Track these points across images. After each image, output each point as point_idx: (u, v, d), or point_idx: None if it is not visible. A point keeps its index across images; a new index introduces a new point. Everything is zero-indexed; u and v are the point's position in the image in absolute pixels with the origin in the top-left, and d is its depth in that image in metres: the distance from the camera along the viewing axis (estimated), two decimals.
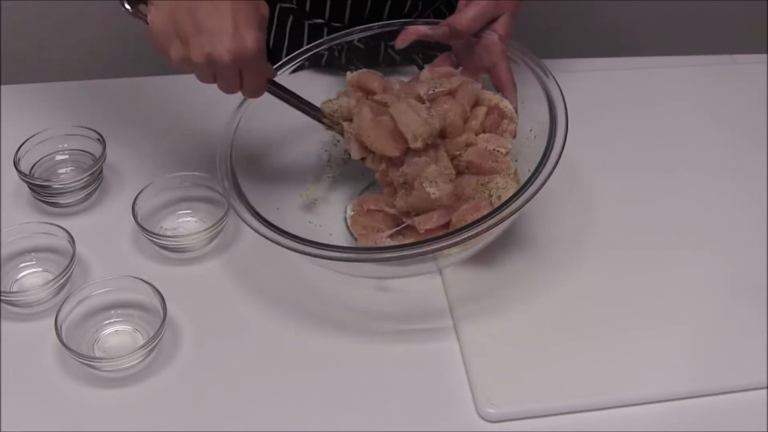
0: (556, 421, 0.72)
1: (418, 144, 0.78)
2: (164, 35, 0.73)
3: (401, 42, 0.89)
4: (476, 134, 0.82)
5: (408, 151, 0.80)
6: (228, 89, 0.77)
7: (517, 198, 0.72)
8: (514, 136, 0.83)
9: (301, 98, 0.84)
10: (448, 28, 0.85)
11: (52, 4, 1.59)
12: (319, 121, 0.85)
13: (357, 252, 0.78)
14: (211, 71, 0.74)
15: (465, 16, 0.85)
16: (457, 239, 0.71)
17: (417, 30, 0.89)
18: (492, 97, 0.84)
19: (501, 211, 0.72)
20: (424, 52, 0.94)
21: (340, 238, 0.85)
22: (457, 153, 0.81)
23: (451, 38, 0.87)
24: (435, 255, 0.76)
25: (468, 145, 0.81)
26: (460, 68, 0.89)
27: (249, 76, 0.76)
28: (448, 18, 0.86)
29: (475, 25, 0.85)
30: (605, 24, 1.78)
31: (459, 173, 0.81)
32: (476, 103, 0.84)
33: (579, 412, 0.73)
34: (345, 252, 0.74)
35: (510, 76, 0.85)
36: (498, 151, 0.80)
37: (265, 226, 0.75)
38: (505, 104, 0.83)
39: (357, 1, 1.03)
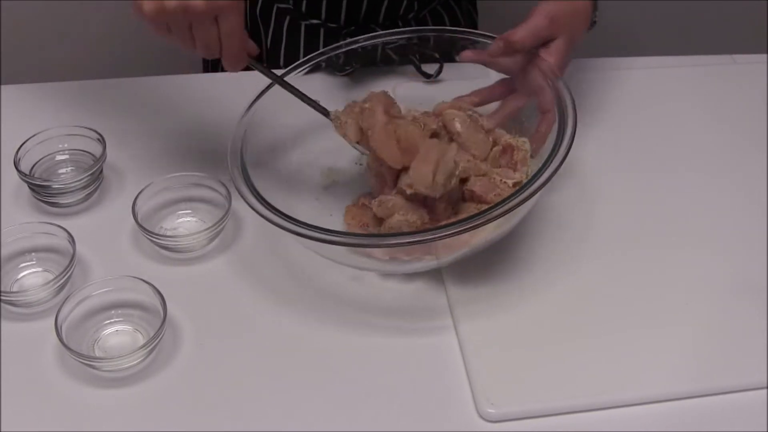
0: (556, 421, 0.72)
1: (410, 191, 0.78)
2: None
3: (466, 58, 0.89)
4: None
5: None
6: (207, 45, 0.75)
7: (521, 193, 0.72)
8: (527, 162, 0.83)
9: (288, 83, 0.84)
10: (502, 42, 0.85)
11: (52, 4, 1.59)
12: (312, 106, 0.85)
13: (346, 237, 0.76)
14: (185, 21, 0.72)
15: (519, 31, 0.84)
16: (447, 233, 0.71)
17: (481, 56, 0.89)
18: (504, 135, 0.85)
19: (503, 205, 0.72)
20: (421, 53, 0.94)
21: (339, 219, 0.86)
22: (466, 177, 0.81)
23: (505, 52, 0.85)
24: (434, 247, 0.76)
25: (483, 174, 0.82)
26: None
27: (226, 29, 0.74)
28: (505, 33, 0.85)
29: (528, 41, 0.84)
30: (605, 24, 1.77)
31: (462, 199, 0.81)
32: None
33: (579, 412, 0.73)
34: (340, 237, 0.74)
35: (552, 101, 0.84)
36: (504, 182, 0.80)
37: (260, 202, 0.76)
38: (518, 141, 0.84)
39: (353, 1, 1.03)
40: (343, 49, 0.92)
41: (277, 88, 0.86)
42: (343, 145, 0.87)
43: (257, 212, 0.75)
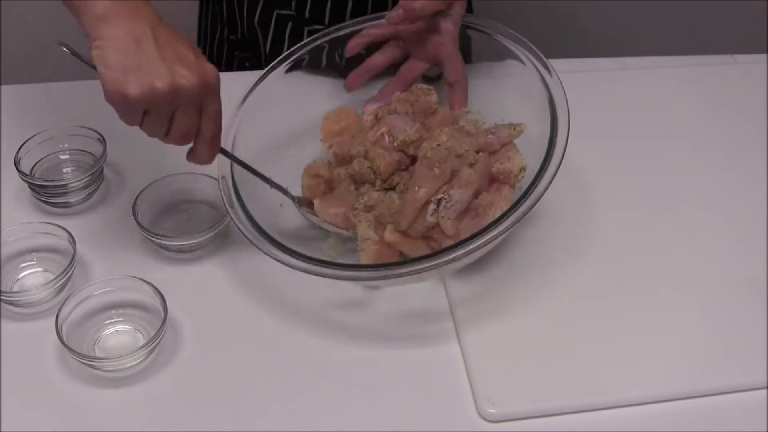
0: (556, 421, 0.72)
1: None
2: (120, 69, 0.66)
3: (354, 48, 0.90)
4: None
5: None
6: (184, 133, 0.71)
7: (516, 209, 0.72)
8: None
9: (255, 170, 0.81)
10: (402, 10, 0.85)
11: (52, 4, 1.59)
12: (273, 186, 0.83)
13: (349, 270, 0.75)
14: (171, 105, 0.68)
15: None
16: (451, 257, 0.71)
17: (368, 35, 0.89)
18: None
19: (502, 222, 0.71)
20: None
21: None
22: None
23: (405, 20, 0.86)
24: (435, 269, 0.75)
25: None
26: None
27: (212, 112, 0.71)
28: (402, 1, 0.86)
29: (429, 8, 0.85)
30: (604, 24, 1.78)
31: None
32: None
33: (579, 412, 0.73)
34: (337, 269, 0.74)
35: (463, 70, 0.87)
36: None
37: (254, 228, 0.76)
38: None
39: (357, 5, 1.03)
40: (316, 43, 0.92)
41: (263, 87, 0.87)
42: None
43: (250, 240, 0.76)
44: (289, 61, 0.90)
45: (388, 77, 0.92)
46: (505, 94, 0.88)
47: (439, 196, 0.78)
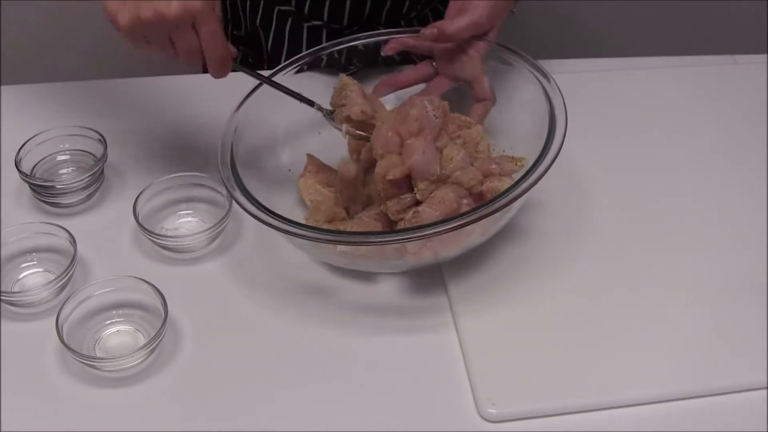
0: (556, 421, 0.72)
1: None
2: (116, 2, 0.73)
3: (390, 50, 0.91)
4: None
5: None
6: (188, 52, 0.75)
7: (507, 194, 0.73)
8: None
9: (274, 81, 0.85)
10: (436, 30, 0.86)
11: (53, 4, 1.59)
12: (304, 101, 0.86)
13: (349, 236, 0.77)
14: (163, 31, 0.73)
15: (457, 23, 0.86)
16: (444, 228, 0.71)
17: (404, 42, 0.91)
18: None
19: (495, 203, 0.72)
20: (423, 54, 0.94)
21: None
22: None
23: (438, 40, 0.87)
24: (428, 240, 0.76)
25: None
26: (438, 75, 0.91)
27: (205, 34, 0.74)
28: (439, 21, 0.87)
29: (465, 34, 0.86)
30: (604, 24, 1.78)
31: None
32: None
33: (579, 412, 0.73)
34: (335, 235, 0.75)
35: (491, 90, 0.88)
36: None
37: (252, 203, 0.77)
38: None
39: (356, 2, 1.03)
40: (342, 47, 0.92)
41: (265, 87, 0.87)
42: (330, 144, 0.89)
43: (244, 208, 0.76)
44: (294, 65, 0.90)
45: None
46: (508, 103, 0.89)
47: (400, 216, 0.78)
